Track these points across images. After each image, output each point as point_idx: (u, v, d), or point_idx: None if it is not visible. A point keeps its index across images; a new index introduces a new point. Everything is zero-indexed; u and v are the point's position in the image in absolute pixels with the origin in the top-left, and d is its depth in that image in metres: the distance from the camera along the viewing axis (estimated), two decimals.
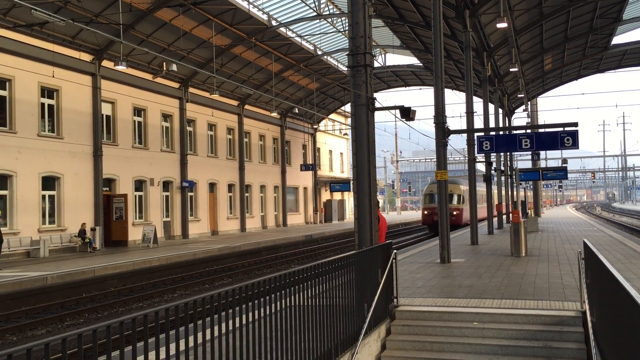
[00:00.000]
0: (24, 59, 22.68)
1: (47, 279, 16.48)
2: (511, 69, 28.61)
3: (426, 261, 15.71)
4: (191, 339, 4.35)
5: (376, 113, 10.79)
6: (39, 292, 15.89)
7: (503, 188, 35.25)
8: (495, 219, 29.24)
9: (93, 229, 25.42)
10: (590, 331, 7.29)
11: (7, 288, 15.25)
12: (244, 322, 4.95)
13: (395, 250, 9.47)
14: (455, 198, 37.10)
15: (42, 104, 23.98)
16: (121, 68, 24.26)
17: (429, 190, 38.42)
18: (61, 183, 24.51)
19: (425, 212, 37.17)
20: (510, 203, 35.30)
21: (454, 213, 35.25)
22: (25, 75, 22.67)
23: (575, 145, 15.31)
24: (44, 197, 23.89)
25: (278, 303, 5.56)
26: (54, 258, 22.12)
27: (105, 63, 26.41)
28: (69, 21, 18.03)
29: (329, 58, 40.03)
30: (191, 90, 33.18)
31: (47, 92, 24.25)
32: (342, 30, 34.12)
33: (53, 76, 23.46)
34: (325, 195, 53.46)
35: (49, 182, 24.17)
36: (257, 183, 41.59)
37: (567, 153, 75.16)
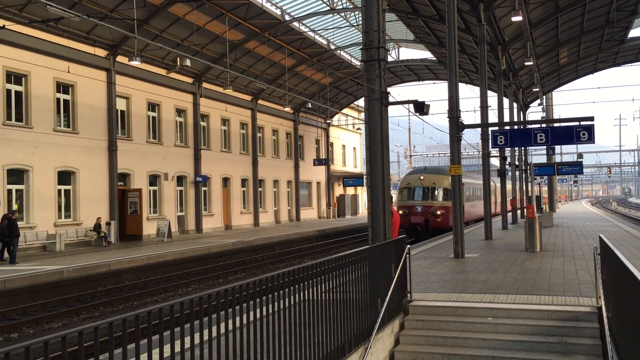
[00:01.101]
0: (40, 54, 22.87)
1: (63, 273, 16.65)
2: (526, 63, 28.37)
3: (440, 256, 15.67)
4: (205, 332, 4.38)
5: (390, 107, 10.77)
6: (55, 285, 16.07)
7: (517, 183, 34.54)
8: (509, 214, 28.99)
9: (108, 223, 25.63)
10: (606, 327, 7.24)
11: (24, 281, 15.44)
12: (258, 316, 4.97)
13: (408, 245, 9.46)
14: (439, 193, 27.16)
15: (58, 99, 24.18)
16: (135, 63, 24.46)
17: (405, 183, 28.61)
18: (77, 178, 24.71)
19: (401, 212, 26.48)
20: (524, 198, 34.77)
21: (438, 213, 26.45)
22: (40, 71, 22.86)
23: (591, 139, 15.15)
24: (59, 191, 24.11)
25: (292, 297, 5.57)
26: (69, 252, 22.34)
27: (120, 58, 26.57)
28: (83, 17, 18.09)
29: (342, 52, 39.93)
30: (205, 85, 33.28)
31: (63, 87, 24.44)
32: (356, 24, 34.02)
33: (68, 71, 23.62)
34: (338, 190, 53.44)
35: (64, 177, 24.38)
36: (271, 178, 41.66)
37: (582, 147, 74.46)
